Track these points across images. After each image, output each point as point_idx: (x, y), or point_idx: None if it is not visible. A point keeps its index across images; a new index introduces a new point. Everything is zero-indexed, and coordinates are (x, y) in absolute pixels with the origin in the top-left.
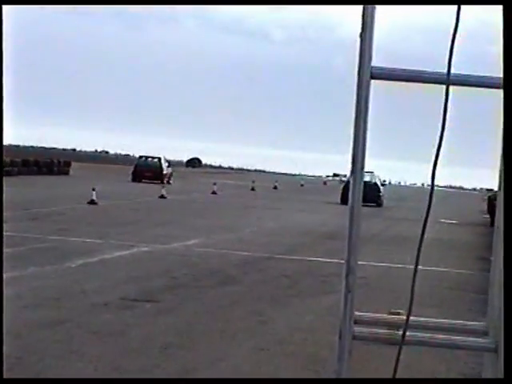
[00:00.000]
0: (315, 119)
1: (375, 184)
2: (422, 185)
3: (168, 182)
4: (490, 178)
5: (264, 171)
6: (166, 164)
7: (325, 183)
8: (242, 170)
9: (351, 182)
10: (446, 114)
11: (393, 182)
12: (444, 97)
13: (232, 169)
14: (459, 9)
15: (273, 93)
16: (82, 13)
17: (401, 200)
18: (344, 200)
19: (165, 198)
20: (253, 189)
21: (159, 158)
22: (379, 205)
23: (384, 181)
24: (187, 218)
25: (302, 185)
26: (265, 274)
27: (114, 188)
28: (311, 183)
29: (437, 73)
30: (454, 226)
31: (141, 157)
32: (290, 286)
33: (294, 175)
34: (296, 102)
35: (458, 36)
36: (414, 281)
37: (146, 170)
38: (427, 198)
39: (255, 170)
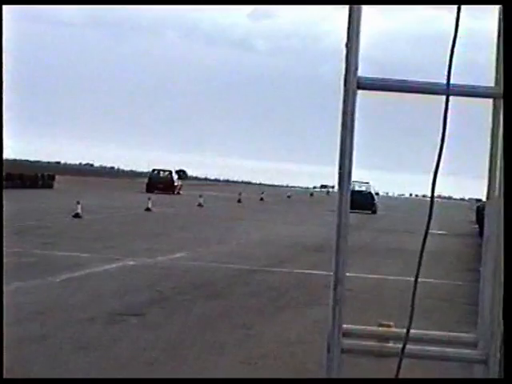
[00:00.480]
0: (302, 130)
1: (370, 193)
2: (410, 195)
3: (178, 193)
4: (478, 188)
5: (250, 183)
6: (176, 176)
7: (311, 194)
8: (228, 181)
9: (338, 193)
10: (445, 125)
11: (380, 193)
12: (444, 107)
13: (218, 181)
14: (459, 11)
15: (258, 104)
16: (62, 24)
17: (389, 210)
18: None
19: (150, 210)
20: (239, 201)
21: (170, 171)
22: (374, 212)
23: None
24: (173, 231)
25: (288, 196)
26: (252, 287)
27: (99, 201)
28: (298, 195)
29: (433, 83)
30: (442, 237)
31: (154, 170)
32: (278, 298)
33: (281, 186)
34: (282, 112)
35: (454, 40)
36: (414, 293)
37: (159, 182)
38: (416, 208)
39: (241, 182)
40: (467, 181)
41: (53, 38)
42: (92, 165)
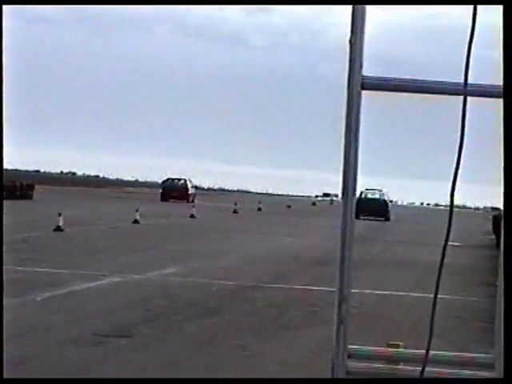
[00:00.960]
0: (302, 133)
1: (384, 201)
2: (421, 204)
3: (193, 201)
4: (494, 196)
5: (247, 191)
6: (190, 185)
7: (314, 204)
8: (222, 190)
9: (342, 203)
10: (464, 128)
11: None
12: (461, 109)
13: (212, 190)
14: (475, 14)
15: (253, 104)
16: (43, 20)
17: (398, 221)
18: (357, 214)
19: (138, 223)
20: (235, 211)
21: (185, 180)
22: (387, 219)
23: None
24: (164, 244)
25: (288, 206)
26: (250, 305)
27: (83, 213)
28: (299, 204)
29: (447, 83)
30: (457, 249)
31: (168, 179)
32: (278, 316)
33: (281, 195)
34: (280, 113)
35: (472, 36)
36: (433, 311)
37: (173, 191)
38: (427, 218)
39: (237, 191)
40: (482, 188)
41: (32, 35)
42: (74, 173)
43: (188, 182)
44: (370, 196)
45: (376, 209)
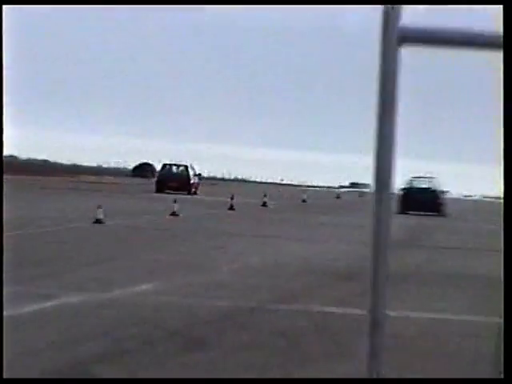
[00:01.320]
0: (321, 104)
1: (437, 191)
2: (484, 198)
3: (195, 193)
4: None
5: (248, 181)
6: (192, 172)
7: (338, 197)
8: (215, 179)
9: (373, 195)
10: None
11: None
12: None
13: (203, 178)
14: None
15: (258, 68)
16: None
17: (455, 219)
18: (403, 208)
19: (102, 223)
20: (231, 207)
21: (186, 166)
22: (442, 215)
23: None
24: (136, 252)
25: (304, 200)
26: (250, 334)
27: (25, 210)
28: (318, 198)
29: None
30: None
31: (165, 165)
32: (288, 350)
33: (294, 186)
34: (292, 80)
35: None
36: (504, 341)
37: (171, 180)
38: (492, 217)
39: (235, 180)
40: None
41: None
42: (16, 157)
43: (190, 169)
44: (419, 186)
45: (427, 202)
